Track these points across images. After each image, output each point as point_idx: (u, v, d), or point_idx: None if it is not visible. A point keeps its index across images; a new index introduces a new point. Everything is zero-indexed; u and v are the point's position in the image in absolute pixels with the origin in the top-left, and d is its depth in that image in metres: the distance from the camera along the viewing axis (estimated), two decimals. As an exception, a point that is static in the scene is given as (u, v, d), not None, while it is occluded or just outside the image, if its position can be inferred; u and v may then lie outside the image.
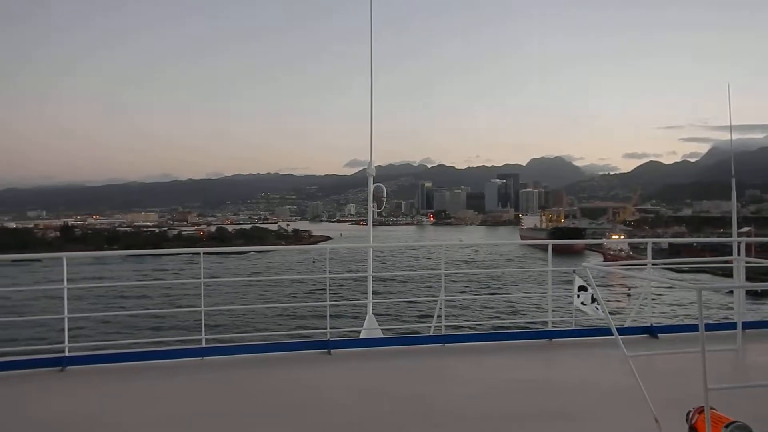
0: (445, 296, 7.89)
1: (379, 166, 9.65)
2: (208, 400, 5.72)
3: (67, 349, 6.89)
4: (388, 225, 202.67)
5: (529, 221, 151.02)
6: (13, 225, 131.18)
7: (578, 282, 7.85)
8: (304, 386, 6.13)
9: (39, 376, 6.52)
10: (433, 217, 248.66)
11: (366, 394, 5.79)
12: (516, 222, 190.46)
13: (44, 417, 5.27)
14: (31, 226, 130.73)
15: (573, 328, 8.17)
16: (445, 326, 7.86)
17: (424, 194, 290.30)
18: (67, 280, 7.03)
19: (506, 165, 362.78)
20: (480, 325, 22.54)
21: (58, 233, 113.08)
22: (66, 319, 6.97)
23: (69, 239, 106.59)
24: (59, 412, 5.44)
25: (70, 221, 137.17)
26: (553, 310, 8.15)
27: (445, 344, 7.61)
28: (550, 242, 8.63)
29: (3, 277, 62.37)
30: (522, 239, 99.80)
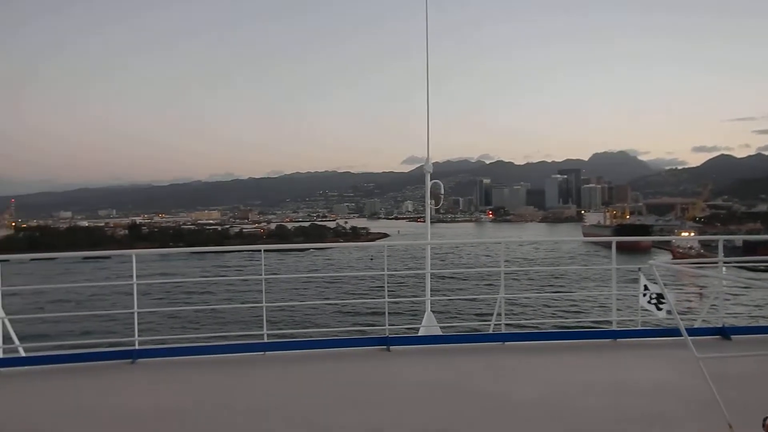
0: (505, 294, 7.71)
1: (436, 162, 9.57)
2: (272, 393, 5.79)
3: (137, 343, 7.14)
4: (446, 222, 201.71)
5: (591, 218, 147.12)
6: (85, 223, 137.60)
7: (644, 280, 7.49)
8: (366, 382, 6.12)
9: (111, 368, 6.78)
10: (491, 213, 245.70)
11: (427, 390, 5.71)
12: (578, 219, 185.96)
13: (118, 407, 5.43)
14: (102, 224, 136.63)
15: (639, 328, 7.80)
16: (505, 324, 7.69)
17: (482, 191, 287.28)
18: (136, 276, 7.28)
19: (567, 160, 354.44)
20: (542, 323, 22.02)
21: (126, 231, 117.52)
22: (135, 314, 7.24)
23: (137, 237, 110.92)
24: (132, 403, 5.60)
25: (138, 220, 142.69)
26: (617, 310, 7.80)
27: (506, 342, 7.44)
28: (615, 239, 8.15)
29: (76, 273, 65.65)
30: (585, 236, 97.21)
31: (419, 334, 8.20)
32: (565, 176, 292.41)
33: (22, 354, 7.26)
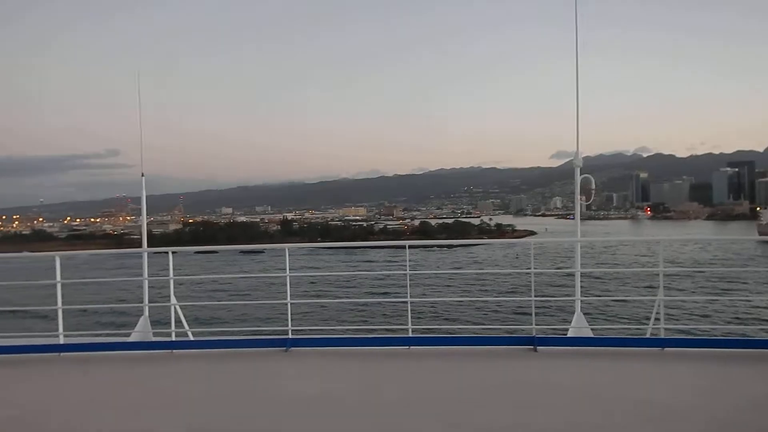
0: (665, 297, 7.16)
1: (588, 156, 8.91)
2: (419, 388, 5.81)
3: (290, 332, 7.45)
4: (598, 219, 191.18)
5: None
6: (244, 219, 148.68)
7: None
8: (512, 382, 5.98)
9: (266, 355, 7.16)
10: (649, 210, 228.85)
11: (577, 393, 5.52)
12: (752, 216, 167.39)
13: (272, 394, 5.77)
14: (257, 219, 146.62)
15: None
16: (665, 329, 7.16)
17: (638, 186, 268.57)
18: (289, 268, 7.66)
19: (738, 152, 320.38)
20: (713, 328, 20.03)
21: (278, 227, 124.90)
22: (289, 305, 7.58)
23: (288, 232, 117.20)
24: (286, 389, 5.91)
25: (290, 216, 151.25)
26: None
27: (664, 348, 6.87)
28: None
29: (233, 265, 71.08)
30: (761, 236, 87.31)
31: (568, 335, 7.76)
32: (736, 169, 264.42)
33: (191, 338, 7.94)
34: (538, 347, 7.05)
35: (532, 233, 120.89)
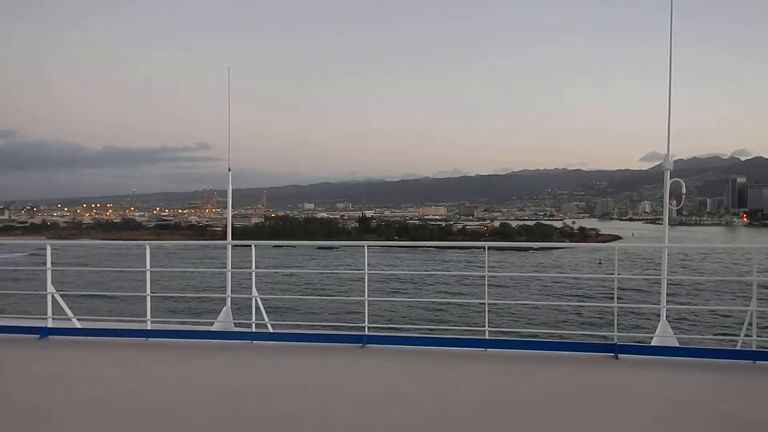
0: (758, 308, 6.79)
1: (680, 159, 8.48)
2: (496, 391, 5.80)
3: (366, 329, 7.54)
4: (689, 225, 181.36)
5: None
6: (324, 215, 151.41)
7: None
8: (590, 389, 5.86)
9: (342, 350, 7.27)
10: (746, 217, 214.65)
11: (662, 405, 5.27)
12: None
13: (348, 389, 5.83)
14: (337, 216, 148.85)
15: None
16: (757, 341, 6.87)
17: (735, 191, 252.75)
18: (367, 266, 7.75)
19: None
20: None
21: (356, 224, 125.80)
22: (366, 302, 7.66)
23: (365, 229, 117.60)
24: (361, 386, 6.00)
25: (369, 213, 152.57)
26: None
27: (756, 361, 6.49)
28: None
29: (310, 260, 72.56)
30: None
31: (652, 344, 7.42)
32: None
33: (270, 330, 8.19)
34: (619, 355, 6.85)
35: (617, 238, 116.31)
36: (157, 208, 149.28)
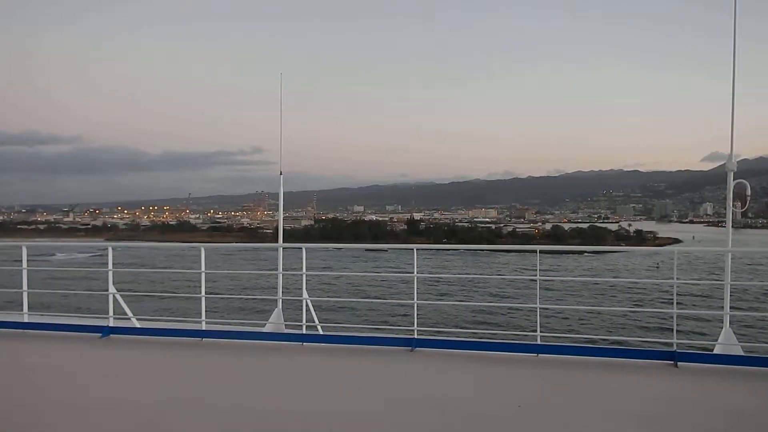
0: None
1: (746, 159, 8.12)
2: (543, 396, 5.75)
3: (416, 332, 7.54)
4: (756, 228, 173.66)
5: None
6: (373, 217, 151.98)
7: None
8: (649, 397, 5.69)
9: (392, 354, 7.30)
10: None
11: (724, 416, 5.11)
12: None
13: (398, 393, 5.84)
14: (386, 218, 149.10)
15: None
16: None
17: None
18: (416, 269, 7.79)
19: None
20: None
21: (405, 226, 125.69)
22: (415, 305, 7.64)
23: (413, 231, 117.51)
24: (411, 389, 5.98)
25: (418, 215, 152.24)
26: None
27: None
28: None
29: (356, 262, 72.87)
30: None
31: (714, 352, 7.13)
32: None
33: (320, 332, 8.26)
34: (679, 363, 6.65)
35: (676, 241, 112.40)
36: (211, 211, 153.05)
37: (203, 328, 8.35)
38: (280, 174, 9.28)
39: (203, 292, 8.39)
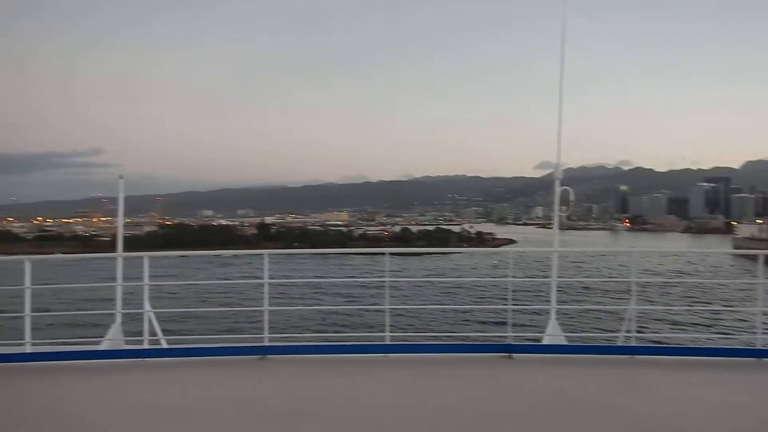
0: (636, 306, 7.46)
1: (570, 168, 9.02)
2: (394, 395, 5.79)
3: (267, 339, 7.36)
4: (578, 229, 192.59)
5: (745, 230, 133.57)
6: (223, 222, 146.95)
7: None
8: (487, 389, 6.03)
9: (242, 363, 7.06)
10: (628, 222, 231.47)
11: (552, 401, 5.57)
12: (726, 230, 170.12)
13: (249, 403, 5.57)
14: (236, 223, 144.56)
15: None
16: (636, 337, 7.44)
17: (619, 198, 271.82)
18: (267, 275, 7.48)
19: (715, 168, 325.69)
20: (671, 337, 20.51)
21: (255, 231, 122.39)
22: (266, 312, 7.41)
23: (265, 236, 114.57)
24: (262, 398, 5.77)
25: (270, 219, 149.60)
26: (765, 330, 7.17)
27: (635, 356, 7.06)
28: (762, 252, 7.53)
29: (203, 270, 70.15)
30: (736, 249, 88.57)
31: (543, 343, 7.78)
32: (713, 184, 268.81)
33: (165, 345, 7.74)
34: (513, 354, 7.10)
35: (511, 242, 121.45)
36: (38, 218, 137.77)
37: (28, 351, 7.45)
38: (120, 178, 8.57)
39: (27, 311, 7.50)
